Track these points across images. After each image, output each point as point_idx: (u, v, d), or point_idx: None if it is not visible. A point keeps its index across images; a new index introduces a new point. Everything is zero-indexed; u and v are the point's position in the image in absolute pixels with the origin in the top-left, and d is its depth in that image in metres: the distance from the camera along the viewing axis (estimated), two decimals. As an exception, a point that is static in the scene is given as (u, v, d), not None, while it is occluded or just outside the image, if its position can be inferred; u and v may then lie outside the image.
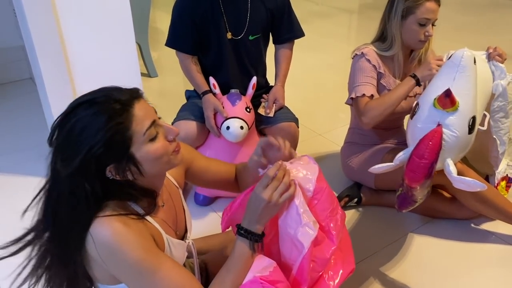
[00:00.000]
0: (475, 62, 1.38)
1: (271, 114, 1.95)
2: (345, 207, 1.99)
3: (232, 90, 1.89)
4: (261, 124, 1.98)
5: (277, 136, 1.13)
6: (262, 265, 1.00)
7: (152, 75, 3.34)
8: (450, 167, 1.36)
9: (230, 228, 1.19)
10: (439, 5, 1.73)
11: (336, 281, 1.05)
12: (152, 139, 0.97)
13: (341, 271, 1.06)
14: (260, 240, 1.02)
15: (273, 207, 1.00)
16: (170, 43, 1.94)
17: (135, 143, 0.94)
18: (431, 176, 1.35)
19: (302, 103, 2.93)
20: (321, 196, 1.04)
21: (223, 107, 1.83)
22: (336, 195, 2.01)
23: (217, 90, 1.87)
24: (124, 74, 2.08)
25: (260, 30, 1.92)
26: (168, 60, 2.19)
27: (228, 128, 1.79)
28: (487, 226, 1.87)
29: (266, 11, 1.91)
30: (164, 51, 2.47)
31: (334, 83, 3.18)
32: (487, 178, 1.92)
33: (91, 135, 0.90)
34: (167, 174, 1.17)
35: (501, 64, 1.65)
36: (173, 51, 1.96)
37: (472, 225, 1.88)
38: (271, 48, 2.08)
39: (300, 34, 2.04)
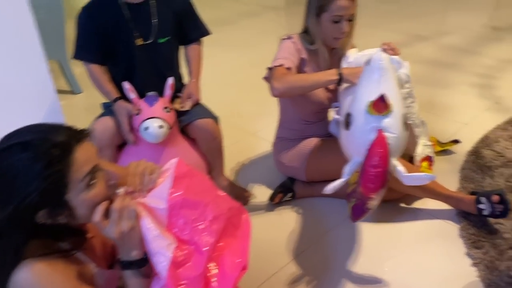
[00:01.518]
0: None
1: (186, 108, 1.91)
2: (280, 203, 2.00)
3: (149, 93, 1.86)
4: (179, 124, 1.95)
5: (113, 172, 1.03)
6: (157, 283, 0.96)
7: (76, 91, 3.21)
8: (398, 167, 1.38)
9: None
10: (353, 0, 1.74)
11: (232, 283, 0.99)
12: (90, 185, 0.91)
13: (230, 274, 1.00)
14: (144, 263, 0.97)
15: (129, 233, 0.94)
16: (77, 55, 1.87)
17: (71, 190, 0.88)
18: (387, 182, 1.37)
19: (233, 104, 2.91)
20: (179, 210, 0.98)
21: (141, 109, 1.78)
22: (272, 191, 2.03)
23: (134, 94, 1.82)
24: (38, 94, 1.96)
25: (169, 32, 1.89)
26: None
27: (146, 128, 1.74)
28: (416, 204, 1.93)
29: (173, 14, 1.89)
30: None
31: (261, 81, 3.19)
32: (411, 160, 1.99)
33: (26, 183, 0.83)
34: None
35: (395, 56, 1.71)
36: None
37: (402, 204, 1.94)
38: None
39: (206, 32, 2.04)
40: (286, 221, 1.91)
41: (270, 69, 1.79)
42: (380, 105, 1.33)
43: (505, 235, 1.71)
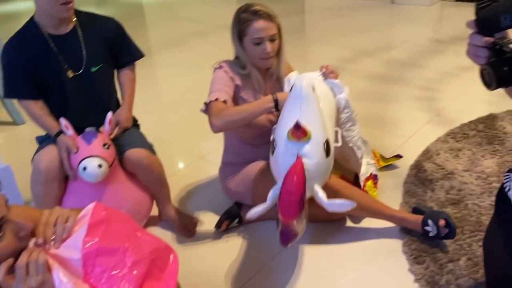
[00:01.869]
0: (314, 90, 1.45)
1: (111, 137, 1.87)
2: (227, 229, 1.98)
3: (87, 129, 1.81)
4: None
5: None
6: None
7: (18, 122, 3.10)
8: (319, 193, 1.40)
9: None
10: (272, 21, 1.76)
11: None
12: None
13: None
14: None
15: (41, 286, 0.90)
16: (8, 93, 1.82)
17: None
18: (304, 208, 1.38)
19: (183, 128, 2.89)
20: (95, 259, 0.95)
21: (78, 148, 1.73)
22: (219, 217, 2.01)
23: (70, 131, 1.77)
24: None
25: (100, 59, 1.87)
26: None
27: (85, 168, 1.70)
28: (363, 222, 1.96)
29: (101, 40, 1.87)
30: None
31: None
32: (357, 177, 2.02)
33: None
34: None
35: (336, 80, 1.75)
36: None
37: (348, 224, 1.96)
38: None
39: (140, 55, 2.03)
40: (234, 248, 1.90)
41: (206, 104, 1.78)
42: (297, 133, 1.36)
43: (445, 249, 1.76)
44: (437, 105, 2.98)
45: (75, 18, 1.82)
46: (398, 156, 2.33)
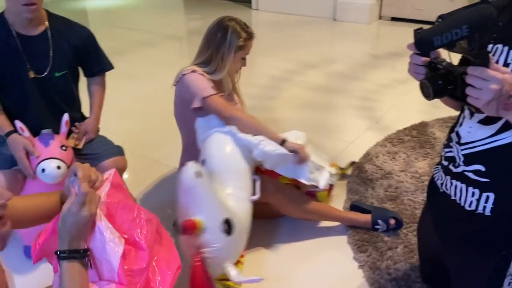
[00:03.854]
0: (200, 174, 1.47)
1: (80, 146, 1.94)
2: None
3: (44, 131, 1.83)
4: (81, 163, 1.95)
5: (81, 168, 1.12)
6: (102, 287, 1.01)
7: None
8: (230, 272, 1.47)
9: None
10: None
11: (167, 283, 1.10)
12: None
13: (168, 272, 1.11)
14: (87, 255, 1.02)
15: (93, 217, 1.03)
16: None
17: None
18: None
19: (135, 133, 2.94)
20: (117, 210, 1.07)
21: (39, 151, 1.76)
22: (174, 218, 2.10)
23: (26, 133, 1.79)
24: None
25: (66, 66, 1.90)
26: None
27: (43, 170, 1.72)
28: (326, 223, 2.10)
29: (70, 48, 1.91)
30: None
31: (163, 110, 3.26)
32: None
33: None
34: None
35: (244, 136, 1.80)
36: None
37: (300, 222, 2.09)
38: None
39: (109, 67, 2.09)
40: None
41: (203, 98, 1.87)
42: (187, 231, 1.41)
43: (385, 238, 1.95)
44: (375, 113, 3.24)
45: (48, 22, 1.85)
46: (353, 163, 2.50)
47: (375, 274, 1.77)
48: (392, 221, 1.97)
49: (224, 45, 1.93)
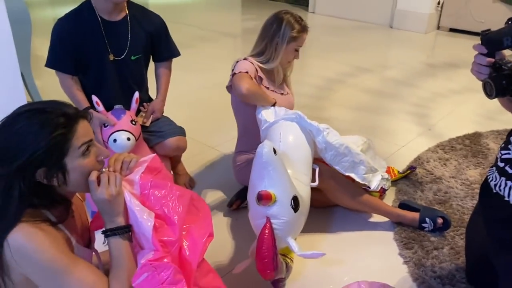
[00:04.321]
0: (275, 152, 1.54)
1: (147, 124, 2.10)
2: (237, 209, 2.18)
3: (116, 106, 2.00)
4: (150, 142, 2.10)
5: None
6: (143, 255, 1.12)
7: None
8: (294, 245, 1.53)
9: None
10: None
11: (198, 250, 1.19)
12: (85, 155, 1.08)
13: (201, 241, 1.21)
14: (128, 230, 1.14)
15: (117, 198, 1.11)
16: (49, 63, 1.99)
17: (69, 155, 1.06)
18: (278, 261, 1.51)
19: (192, 121, 3.08)
20: (149, 189, 1.17)
21: (114, 122, 1.92)
22: (229, 199, 2.22)
23: (101, 108, 1.96)
24: (10, 105, 2.06)
25: (141, 51, 2.07)
26: (53, 86, 2.21)
27: (115, 141, 1.89)
28: (363, 214, 2.17)
29: (145, 34, 2.07)
30: (48, 79, 2.48)
31: (220, 101, 3.39)
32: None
33: (35, 141, 1.01)
34: None
35: (314, 122, 1.88)
36: (57, 78, 2.03)
37: (351, 214, 2.16)
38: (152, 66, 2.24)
39: (177, 53, 2.24)
40: (242, 225, 2.09)
41: (233, 75, 2.00)
42: (261, 200, 1.48)
43: (432, 238, 1.98)
44: (429, 120, 3.24)
45: (127, 9, 2.02)
46: (412, 168, 2.49)
47: (419, 270, 1.81)
48: (440, 221, 1.99)
49: (278, 35, 2.04)
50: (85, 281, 1.06)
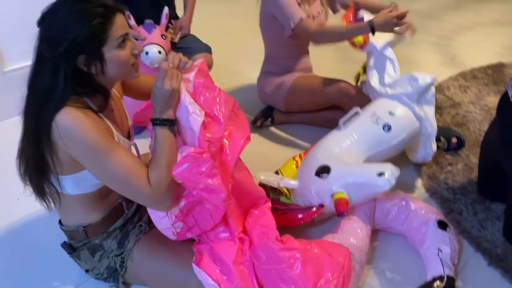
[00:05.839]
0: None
1: (176, 40, 2.17)
2: (261, 127, 2.29)
3: (147, 21, 2.06)
4: None
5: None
6: (184, 149, 1.21)
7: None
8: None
9: None
10: None
11: (237, 149, 1.29)
12: (121, 46, 1.15)
13: (240, 141, 1.30)
14: (175, 123, 1.21)
15: (175, 93, 1.19)
16: None
17: (107, 44, 1.13)
18: None
19: (216, 47, 3.13)
20: (201, 89, 1.25)
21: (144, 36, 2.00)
22: (253, 118, 2.32)
23: (132, 21, 2.02)
24: None
25: None
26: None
27: (147, 53, 1.97)
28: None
29: None
30: None
31: (244, 29, 3.43)
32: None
33: (77, 28, 1.08)
34: None
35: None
36: None
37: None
38: None
39: None
40: (265, 140, 2.22)
41: (293, 28, 2.00)
42: (340, 210, 1.48)
43: (446, 156, 2.07)
44: (452, 51, 3.24)
45: None
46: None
47: (433, 182, 1.91)
48: (454, 140, 2.05)
49: None
50: (126, 164, 1.15)
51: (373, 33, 1.90)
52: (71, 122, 1.11)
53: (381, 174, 1.47)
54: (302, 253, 1.26)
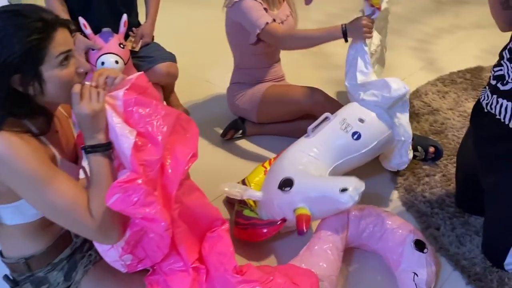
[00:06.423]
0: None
1: (137, 49, 2.05)
2: (231, 139, 2.19)
3: (104, 29, 1.94)
4: (140, 68, 2.06)
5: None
6: (121, 175, 1.08)
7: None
8: None
9: None
10: None
11: (181, 169, 1.16)
12: (63, 65, 1.03)
13: (185, 159, 1.16)
14: (109, 147, 1.09)
15: (98, 114, 1.06)
16: None
17: (46, 63, 1.01)
18: None
19: (187, 54, 3.03)
20: (133, 106, 1.11)
21: (100, 46, 1.88)
22: (222, 130, 2.22)
23: (88, 30, 1.90)
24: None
25: None
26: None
27: (103, 63, 1.85)
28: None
29: None
30: None
31: (219, 35, 3.32)
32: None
33: (10, 45, 0.97)
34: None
35: None
36: None
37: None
38: None
39: None
40: (236, 154, 2.11)
41: (259, 33, 1.89)
42: (300, 228, 1.38)
43: (424, 166, 1.98)
44: (431, 55, 3.17)
45: None
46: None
47: (409, 195, 1.82)
48: (432, 150, 1.97)
49: None
50: (65, 193, 1.04)
51: (346, 39, 1.81)
52: (4, 148, 0.99)
53: (344, 190, 1.37)
54: (262, 285, 1.15)
